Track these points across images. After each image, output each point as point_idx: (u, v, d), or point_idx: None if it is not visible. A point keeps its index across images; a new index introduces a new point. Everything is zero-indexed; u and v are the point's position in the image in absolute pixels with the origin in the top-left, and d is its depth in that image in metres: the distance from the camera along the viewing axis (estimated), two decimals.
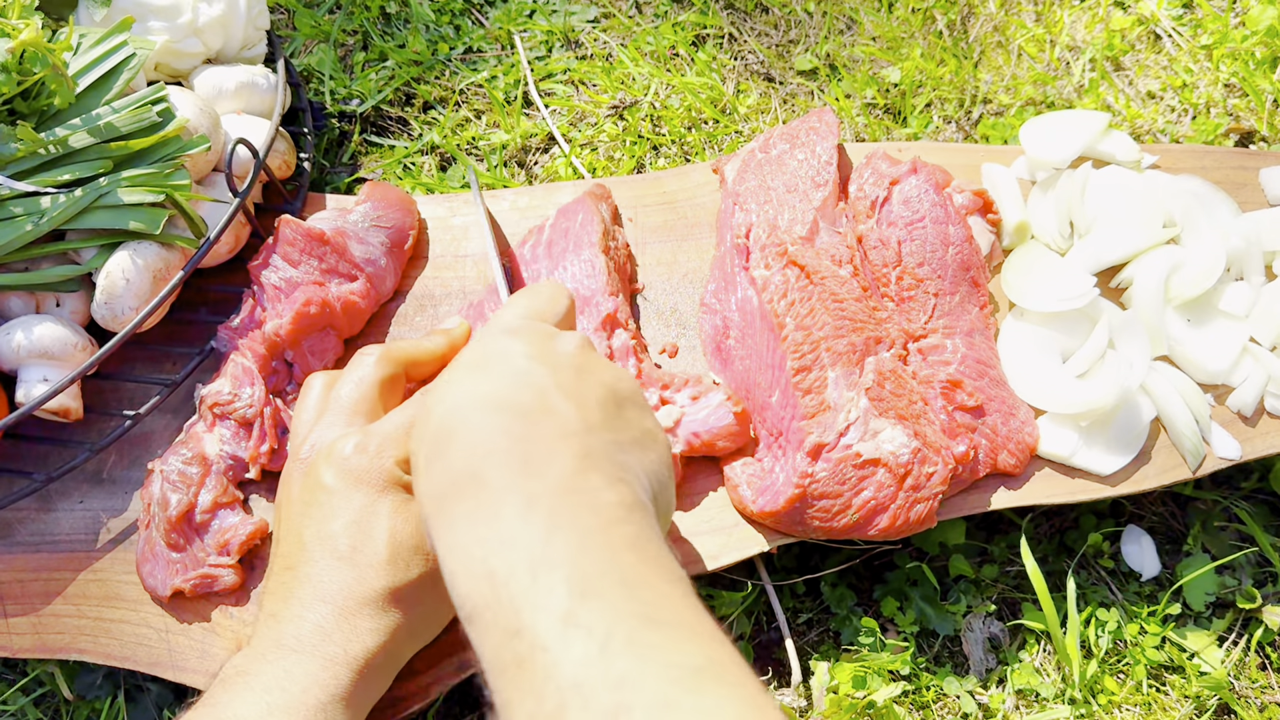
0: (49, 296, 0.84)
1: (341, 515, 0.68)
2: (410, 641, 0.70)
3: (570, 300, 0.72)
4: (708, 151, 1.04)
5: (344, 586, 0.67)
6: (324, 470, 0.70)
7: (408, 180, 1.03)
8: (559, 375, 0.62)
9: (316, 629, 0.66)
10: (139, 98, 0.82)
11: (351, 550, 0.67)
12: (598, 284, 0.85)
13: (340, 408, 0.74)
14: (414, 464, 0.62)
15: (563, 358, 0.64)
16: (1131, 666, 0.83)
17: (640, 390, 0.67)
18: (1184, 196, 0.90)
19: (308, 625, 0.66)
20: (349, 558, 0.67)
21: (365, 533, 0.68)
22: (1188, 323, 0.87)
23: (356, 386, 0.75)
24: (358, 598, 0.67)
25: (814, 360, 0.80)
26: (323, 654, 0.65)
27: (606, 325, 0.83)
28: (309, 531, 0.69)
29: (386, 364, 0.76)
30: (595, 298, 0.84)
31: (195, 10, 0.90)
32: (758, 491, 0.80)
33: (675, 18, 1.11)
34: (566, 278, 0.86)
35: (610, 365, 0.67)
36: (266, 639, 0.66)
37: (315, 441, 0.72)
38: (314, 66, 1.09)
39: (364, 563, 0.67)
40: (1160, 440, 0.85)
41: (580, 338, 0.67)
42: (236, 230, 0.89)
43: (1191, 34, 1.10)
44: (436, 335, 0.80)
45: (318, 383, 0.77)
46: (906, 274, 0.86)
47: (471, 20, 1.13)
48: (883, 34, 1.10)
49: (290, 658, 0.65)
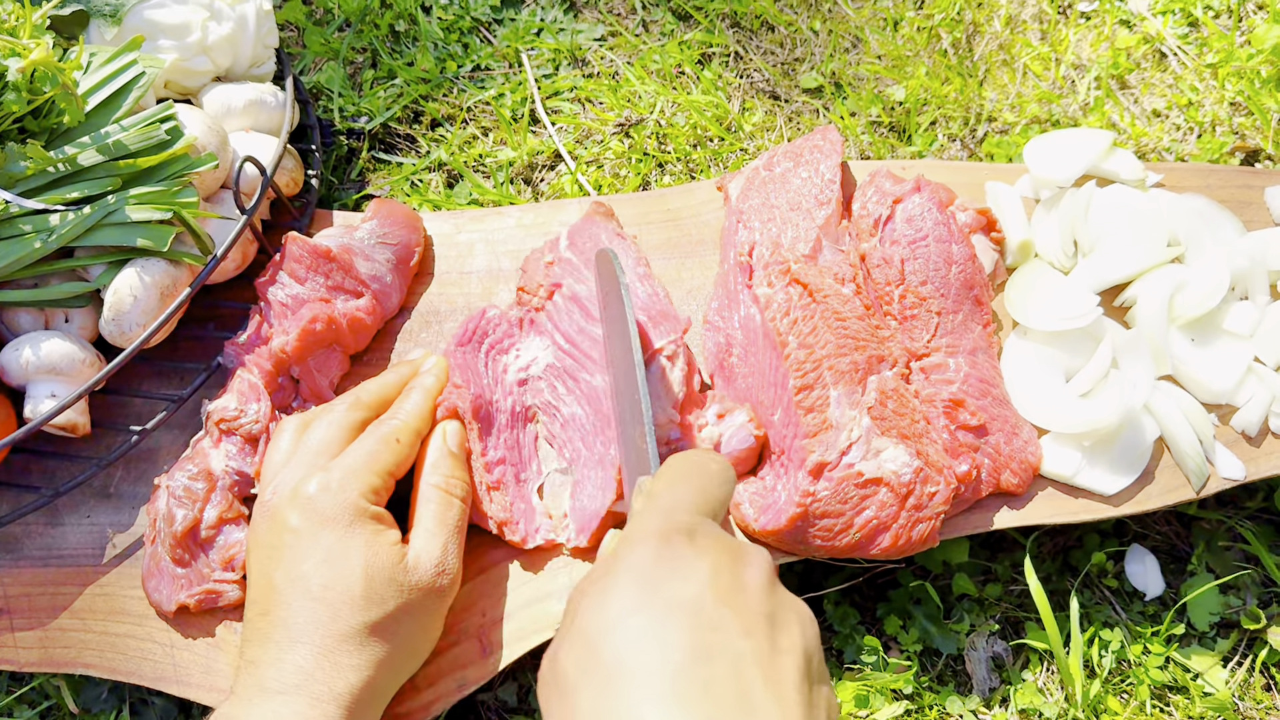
0: (58, 313, 0.84)
1: (311, 555, 0.68)
2: (394, 673, 0.70)
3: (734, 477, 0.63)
4: (713, 169, 1.04)
5: (320, 625, 0.67)
6: (289, 513, 0.70)
7: (415, 197, 1.03)
8: (756, 641, 0.50)
9: (298, 670, 0.66)
10: (148, 116, 0.83)
11: (324, 589, 0.67)
12: (661, 305, 0.86)
13: (308, 450, 0.74)
14: (560, 671, 0.52)
15: (754, 604, 0.52)
16: (1135, 687, 0.83)
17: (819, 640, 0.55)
18: (1188, 215, 0.90)
19: (288, 667, 0.66)
20: (321, 597, 0.67)
21: (337, 570, 0.68)
22: (1192, 342, 0.87)
23: (327, 429, 0.75)
24: (335, 635, 0.67)
25: (816, 379, 0.80)
26: (308, 693, 0.65)
27: (684, 334, 0.85)
28: (279, 574, 0.69)
29: (358, 409, 0.77)
30: (668, 309, 0.86)
31: (204, 29, 0.91)
32: (760, 510, 0.80)
33: (681, 36, 1.12)
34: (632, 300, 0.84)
35: (799, 606, 0.55)
36: (249, 686, 0.66)
37: (278, 485, 0.73)
38: (323, 84, 1.10)
39: (338, 600, 0.67)
40: (1164, 460, 0.84)
41: (767, 564, 0.55)
42: (244, 247, 0.89)
43: (1197, 52, 1.10)
44: (402, 367, 0.82)
45: (290, 427, 0.77)
46: (909, 292, 0.86)
47: (480, 38, 1.14)
48: (888, 52, 1.10)
49: (276, 699, 0.65)
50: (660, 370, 0.82)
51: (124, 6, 0.89)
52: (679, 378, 0.82)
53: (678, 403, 0.82)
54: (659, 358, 0.83)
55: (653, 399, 0.81)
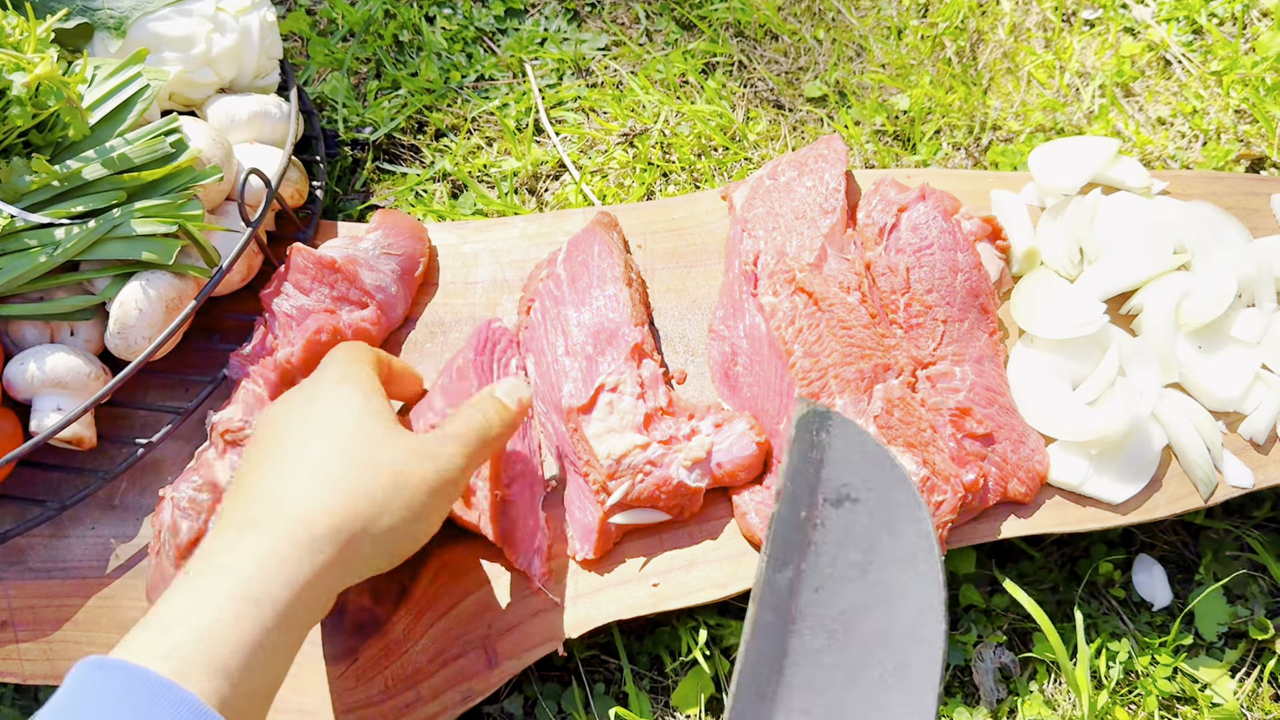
0: (63, 326, 0.85)
1: (321, 398, 0.69)
2: (371, 541, 0.65)
3: None
4: (717, 178, 1.04)
5: (330, 456, 0.66)
6: (320, 380, 0.71)
7: (419, 207, 1.03)
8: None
9: (272, 494, 0.65)
10: (152, 129, 0.83)
11: (325, 416, 0.68)
12: (622, 316, 0.85)
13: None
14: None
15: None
16: (1143, 697, 0.82)
17: None
18: (1194, 223, 0.90)
19: (263, 491, 0.65)
20: (321, 428, 0.68)
21: (345, 406, 0.69)
22: (1199, 349, 0.87)
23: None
24: (340, 461, 0.66)
25: (822, 387, 0.80)
26: (282, 520, 0.63)
27: (635, 355, 0.83)
28: (287, 419, 0.69)
29: None
30: (621, 329, 0.85)
31: (209, 41, 0.91)
32: (766, 520, 0.80)
33: (685, 46, 1.12)
34: (592, 311, 0.86)
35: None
36: (223, 521, 0.65)
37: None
38: (327, 94, 1.10)
39: (338, 431, 0.68)
40: (1172, 468, 0.84)
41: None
42: (249, 259, 0.89)
43: (1202, 60, 1.09)
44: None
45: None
46: (915, 301, 0.86)
47: (483, 48, 1.14)
48: (892, 61, 1.10)
49: (249, 532, 0.63)
50: (608, 405, 0.81)
51: (128, 19, 0.89)
52: (629, 404, 0.81)
53: (639, 425, 0.81)
54: (602, 394, 0.81)
55: (606, 433, 0.79)
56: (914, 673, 0.59)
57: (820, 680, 0.61)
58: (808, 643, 0.63)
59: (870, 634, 0.62)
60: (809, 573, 0.65)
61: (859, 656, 0.62)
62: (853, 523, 0.66)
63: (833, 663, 0.62)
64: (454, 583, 0.81)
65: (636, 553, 0.82)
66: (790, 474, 0.69)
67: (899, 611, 0.62)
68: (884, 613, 0.62)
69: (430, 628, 0.80)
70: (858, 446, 0.68)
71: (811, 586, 0.65)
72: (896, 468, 0.67)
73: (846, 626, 0.63)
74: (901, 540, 0.65)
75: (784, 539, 0.66)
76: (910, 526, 0.64)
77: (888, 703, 0.59)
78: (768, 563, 0.65)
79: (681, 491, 0.80)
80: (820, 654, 0.62)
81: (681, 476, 0.80)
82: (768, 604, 0.64)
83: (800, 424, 0.71)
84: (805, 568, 0.65)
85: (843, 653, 0.62)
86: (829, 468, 0.69)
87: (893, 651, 0.61)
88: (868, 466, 0.68)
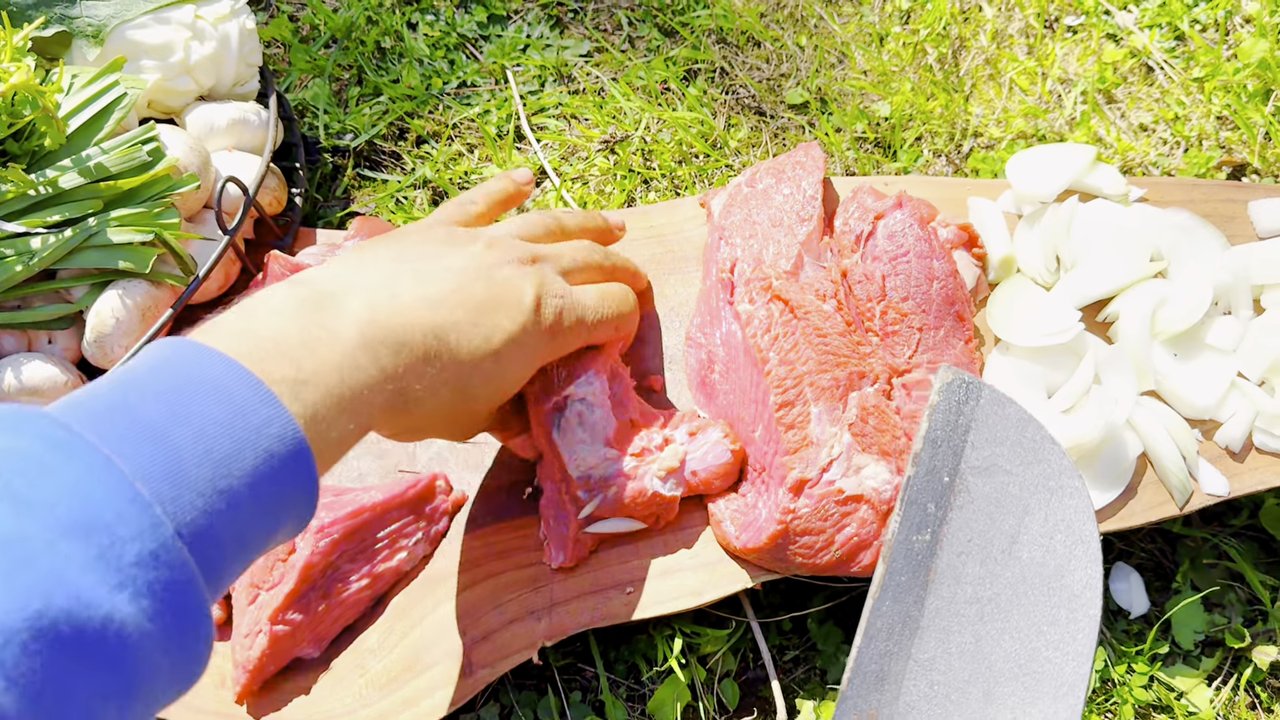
0: (41, 335, 0.85)
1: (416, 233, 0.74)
2: (452, 355, 0.66)
3: None
4: (698, 185, 1.05)
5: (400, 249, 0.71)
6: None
7: (400, 215, 1.04)
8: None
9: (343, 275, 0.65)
10: (129, 138, 0.83)
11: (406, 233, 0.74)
12: None
13: None
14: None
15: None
16: (1119, 706, 0.82)
17: None
18: (1171, 230, 0.90)
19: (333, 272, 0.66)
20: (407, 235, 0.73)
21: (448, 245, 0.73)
22: (1174, 357, 0.87)
23: None
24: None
25: (797, 395, 0.80)
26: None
27: (605, 365, 0.83)
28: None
29: None
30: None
31: (187, 49, 0.92)
32: (741, 527, 0.80)
33: (667, 52, 1.12)
34: None
35: None
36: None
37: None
38: (308, 101, 1.10)
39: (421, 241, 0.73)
40: (1147, 476, 0.84)
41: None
42: (226, 267, 0.90)
43: (1184, 66, 1.10)
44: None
45: None
46: (891, 308, 0.86)
47: (466, 55, 1.14)
48: (873, 68, 1.10)
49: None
50: (577, 416, 0.79)
51: (106, 27, 0.89)
52: (600, 416, 0.79)
53: (610, 438, 0.80)
54: (570, 404, 0.79)
55: (578, 447, 0.79)
56: (1068, 625, 0.64)
57: (959, 634, 0.66)
58: (947, 601, 0.67)
59: (1018, 592, 0.67)
60: (950, 537, 0.68)
61: (1005, 612, 0.66)
62: (1002, 491, 0.70)
63: (973, 619, 0.66)
64: (428, 592, 0.82)
65: (612, 561, 0.82)
66: (930, 439, 0.71)
67: (1049, 566, 0.67)
68: (1036, 573, 0.66)
69: (404, 637, 0.80)
70: (1010, 421, 0.71)
71: (954, 550, 0.68)
72: (1048, 439, 0.69)
73: (993, 588, 0.67)
74: (1054, 509, 0.69)
75: (921, 504, 0.69)
76: (1066, 498, 0.69)
77: (1041, 653, 0.64)
78: (901, 525, 0.68)
79: (656, 501, 0.80)
80: (961, 612, 0.67)
81: (655, 486, 0.80)
82: (901, 564, 0.67)
83: (945, 391, 0.72)
84: (947, 532, 0.68)
85: (985, 612, 0.67)
86: (975, 434, 0.71)
87: (1043, 609, 0.66)
88: (1019, 440, 0.70)
